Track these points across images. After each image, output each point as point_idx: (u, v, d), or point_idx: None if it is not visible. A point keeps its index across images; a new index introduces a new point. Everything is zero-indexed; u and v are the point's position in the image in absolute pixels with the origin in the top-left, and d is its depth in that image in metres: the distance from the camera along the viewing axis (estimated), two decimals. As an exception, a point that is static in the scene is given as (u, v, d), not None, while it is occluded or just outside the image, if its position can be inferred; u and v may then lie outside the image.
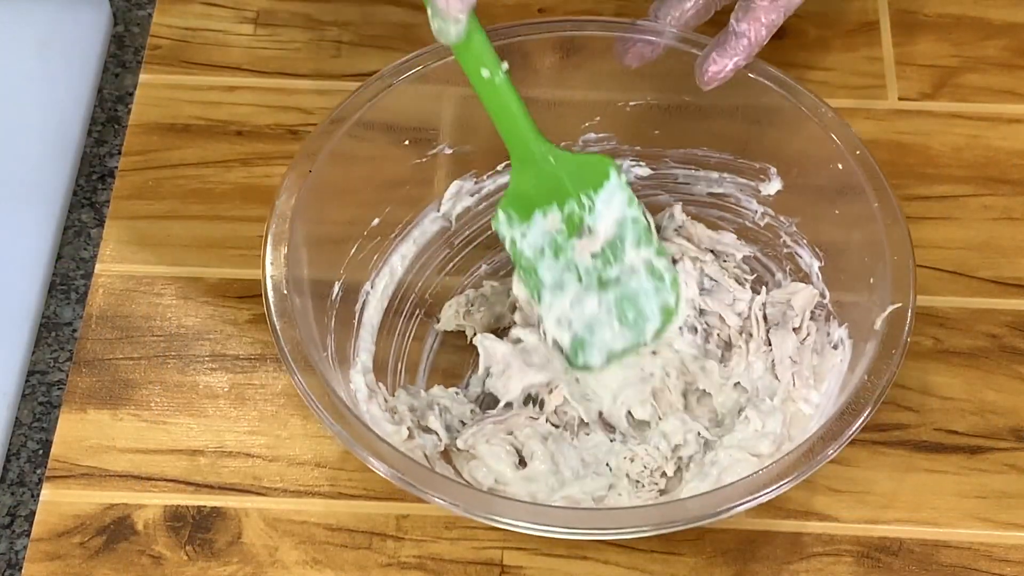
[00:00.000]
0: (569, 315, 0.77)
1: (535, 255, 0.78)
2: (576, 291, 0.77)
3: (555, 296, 0.77)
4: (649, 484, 0.75)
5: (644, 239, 0.77)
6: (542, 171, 0.76)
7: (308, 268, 0.75)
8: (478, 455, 0.75)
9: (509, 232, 0.78)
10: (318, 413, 0.69)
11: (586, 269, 0.77)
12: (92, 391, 0.79)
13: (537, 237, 0.77)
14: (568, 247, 0.77)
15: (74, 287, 0.85)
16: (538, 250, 0.78)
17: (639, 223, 0.77)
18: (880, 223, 0.74)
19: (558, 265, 0.77)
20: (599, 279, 0.78)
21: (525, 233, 0.78)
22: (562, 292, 0.77)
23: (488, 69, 0.74)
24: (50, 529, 0.75)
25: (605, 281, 0.78)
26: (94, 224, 0.87)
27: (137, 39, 0.95)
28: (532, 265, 0.78)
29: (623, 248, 0.77)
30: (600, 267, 0.77)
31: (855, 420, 0.69)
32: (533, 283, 0.78)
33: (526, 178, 0.77)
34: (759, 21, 0.77)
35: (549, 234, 0.77)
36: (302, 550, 0.74)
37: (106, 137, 0.91)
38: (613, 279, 0.78)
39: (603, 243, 0.77)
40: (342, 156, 0.77)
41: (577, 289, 0.77)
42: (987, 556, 0.74)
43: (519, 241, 0.78)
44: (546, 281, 0.78)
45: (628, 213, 0.77)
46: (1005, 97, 0.89)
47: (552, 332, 0.77)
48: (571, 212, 0.77)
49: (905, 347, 0.70)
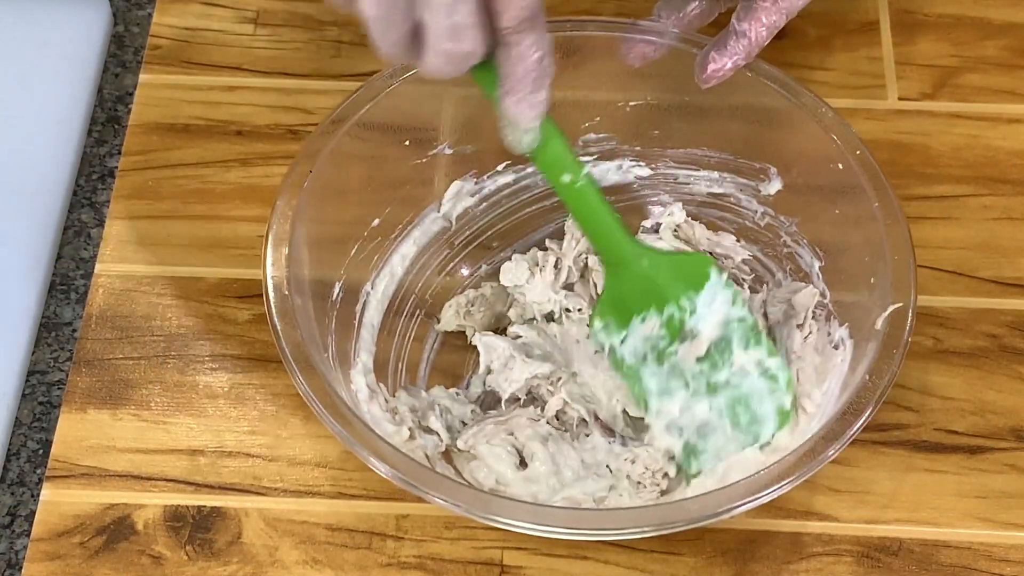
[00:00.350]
0: (679, 422, 0.75)
1: (637, 362, 0.75)
2: (685, 397, 0.75)
3: (663, 403, 0.75)
4: (651, 485, 0.75)
5: (753, 339, 0.74)
6: (636, 275, 0.74)
7: (309, 268, 0.75)
8: (479, 456, 0.75)
9: (607, 340, 0.75)
10: (320, 414, 0.69)
11: (693, 374, 0.74)
12: (92, 391, 0.79)
13: (638, 343, 0.75)
14: (671, 352, 0.75)
15: (74, 287, 0.85)
16: (640, 357, 0.75)
17: (745, 322, 0.74)
18: (881, 222, 0.74)
19: (663, 371, 0.75)
20: (708, 384, 0.74)
21: (624, 340, 0.75)
22: (670, 398, 0.75)
23: (570, 174, 0.72)
24: (50, 529, 0.75)
25: (714, 385, 0.74)
26: (94, 224, 0.87)
27: (137, 39, 0.95)
28: (635, 372, 0.75)
29: (731, 350, 0.74)
30: (708, 371, 0.74)
31: (856, 420, 0.69)
32: (638, 390, 0.75)
33: (620, 282, 0.74)
34: (760, 22, 0.76)
35: (650, 340, 0.75)
36: (302, 550, 0.74)
37: (106, 137, 0.91)
38: (723, 383, 0.74)
39: (708, 346, 0.74)
40: (343, 156, 0.77)
41: (685, 395, 0.75)
42: (987, 556, 0.74)
43: (618, 349, 0.75)
44: (651, 388, 0.75)
45: (733, 313, 0.74)
46: (1005, 97, 0.89)
47: (662, 439, 0.75)
48: (671, 316, 0.74)
49: (906, 347, 0.70)
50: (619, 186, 0.83)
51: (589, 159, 0.83)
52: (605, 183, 0.83)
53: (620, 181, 0.83)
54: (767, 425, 0.74)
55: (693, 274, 0.74)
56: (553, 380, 0.77)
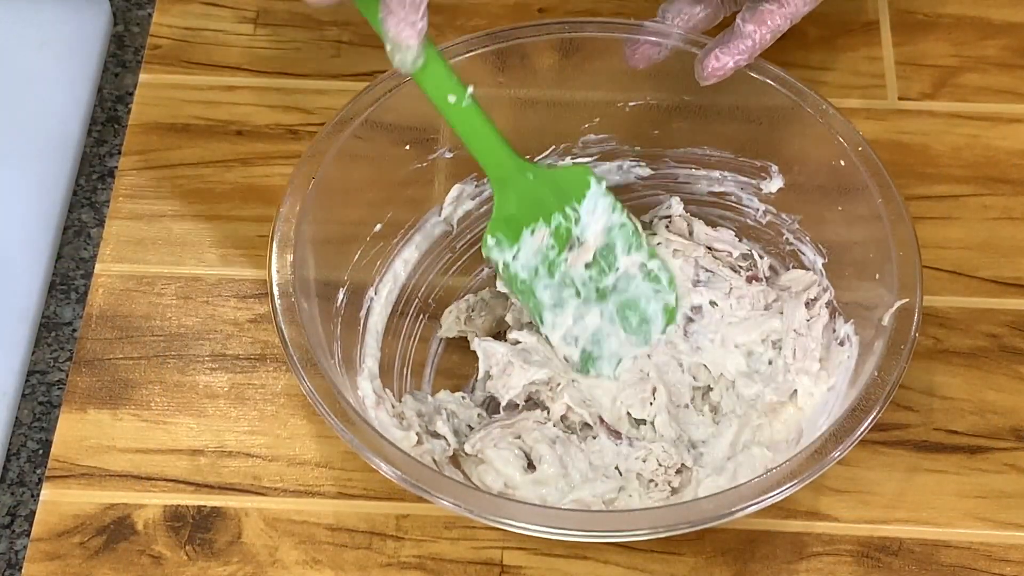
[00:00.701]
0: (574, 331, 0.78)
1: (530, 276, 0.78)
2: (576, 306, 0.78)
3: (557, 315, 0.78)
4: (662, 483, 0.74)
5: (634, 243, 0.78)
6: (523, 189, 0.77)
7: (314, 270, 0.75)
8: (486, 459, 0.75)
9: (500, 256, 0.78)
10: (329, 420, 0.69)
11: (583, 282, 0.78)
12: (92, 391, 0.79)
13: (529, 257, 0.78)
14: (561, 262, 0.78)
15: (74, 287, 0.85)
16: (532, 271, 0.78)
17: (626, 227, 0.78)
18: (885, 220, 0.74)
19: (554, 282, 0.78)
20: (597, 290, 0.78)
21: (516, 255, 0.78)
22: (563, 309, 0.78)
23: (453, 94, 0.74)
24: (50, 529, 0.75)
25: (603, 291, 0.78)
26: (94, 224, 0.87)
27: (137, 39, 0.95)
28: (529, 287, 0.78)
29: (615, 255, 0.78)
30: (596, 277, 0.78)
31: (866, 417, 0.69)
32: (533, 305, 0.78)
33: (508, 198, 0.77)
34: (765, 25, 0.77)
35: (540, 252, 0.78)
36: (302, 550, 0.74)
37: (106, 137, 0.91)
38: (611, 288, 0.78)
39: (594, 252, 0.78)
40: (347, 157, 0.77)
41: (577, 304, 0.78)
42: (987, 556, 0.74)
43: (512, 264, 0.78)
44: (545, 301, 0.78)
45: (614, 219, 0.78)
46: (1005, 97, 0.89)
47: (560, 350, 0.78)
48: (558, 225, 0.77)
49: (913, 343, 0.71)
50: (620, 186, 0.83)
51: (589, 159, 0.83)
52: (605, 183, 0.83)
53: (621, 181, 0.83)
54: (656, 324, 0.78)
55: (575, 184, 0.77)
56: (552, 386, 0.77)
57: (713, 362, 0.78)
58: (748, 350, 0.78)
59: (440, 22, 0.92)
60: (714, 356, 0.78)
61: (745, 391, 0.77)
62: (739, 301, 0.79)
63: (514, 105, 0.81)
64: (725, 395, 0.77)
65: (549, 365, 0.77)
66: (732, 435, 0.76)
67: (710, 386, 0.78)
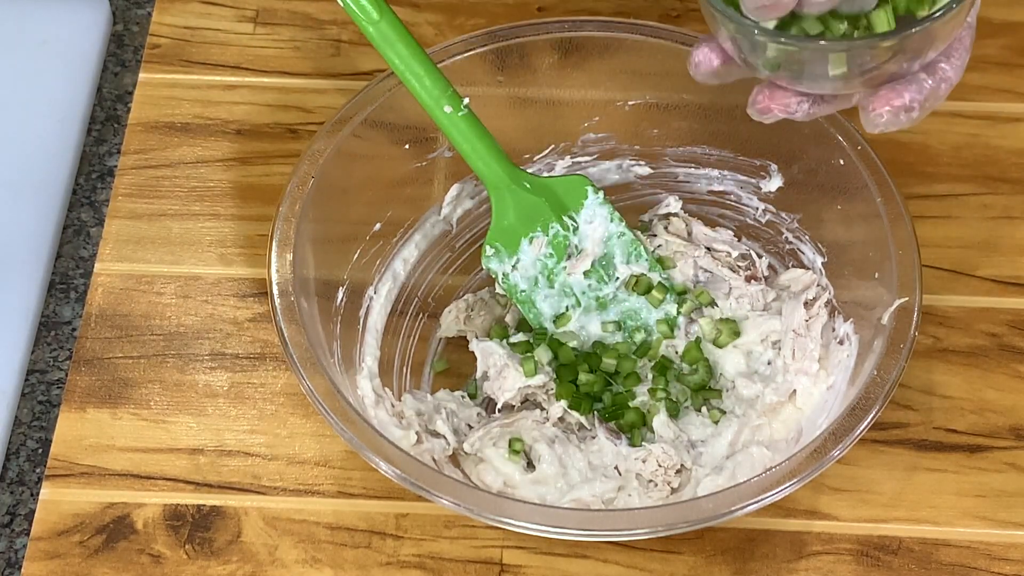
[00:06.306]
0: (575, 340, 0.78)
1: (530, 286, 0.78)
2: (577, 316, 0.79)
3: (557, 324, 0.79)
4: (662, 483, 0.74)
5: (634, 253, 0.78)
6: (521, 198, 0.77)
7: (314, 269, 0.75)
8: (486, 458, 0.75)
9: (500, 267, 0.78)
10: (328, 419, 0.69)
11: (582, 291, 0.78)
12: (91, 390, 0.79)
13: (528, 266, 0.78)
14: (560, 271, 0.78)
15: (73, 286, 0.85)
16: (532, 281, 0.78)
17: (625, 237, 0.78)
18: (884, 218, 0.74)
19: (554, 292, 0.78)
20: (597, 299, 0.78)
21: (515, 265, 0.78)
22: (563, 320, 0.79)
23: (450, 105, 0.75)
24: (50, 528, 0.75)
25: (603, 300, 0.78)
26: (93, 223, 0.87)
27: (136, 38, 0.95)
28: (529, 297, 0.78)
29: (614, 265, 0.78)
30: (596, 286, 0.78)
31: (866, 415, 0.69)
32: (534, 315, 0.78)
33: (506, 208, 0.77)
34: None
35: (539, 261, 0.78)
36: (301, 549, 0.74)
37: (105, 136, 0.91)
38: (611, 297, 0.78)
39: (593, 260, 0.78)
40: (346, 157, 0.77)
41: (577, 313, 0.79)
42: (986, 555, 0.74)
43: (511, 275, 0.78)
44: (545, 311, 0.78)
45: (612, 229, 0.78)
46: (1005, 96, 0.89)
47: None
48: (556, 234, 0.78)
49: (913, 342, 0.71)
50: (619, 185, 0.83)
51: (589, 159, 0.83)
52: (605, 183, 0.83)
53: (620, 180, 0.83)
54: (655, 335, 0.78)
55: (572, 193, 0.78)
56: (548, 389, 0.77)
57: (712, 362, 0.78)
58: (747, 350, 0.78)
59: (440, 21, 0.92)
60: (713, 356, 0.78)
61: (744, 391, 0.77)
62: (738, 301, 0.79)
63: (513, 104, 0.81)
64: (724, 395, 0.77)
65: (544, 370, 0.77)
66: (731, 435, 0.76)
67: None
